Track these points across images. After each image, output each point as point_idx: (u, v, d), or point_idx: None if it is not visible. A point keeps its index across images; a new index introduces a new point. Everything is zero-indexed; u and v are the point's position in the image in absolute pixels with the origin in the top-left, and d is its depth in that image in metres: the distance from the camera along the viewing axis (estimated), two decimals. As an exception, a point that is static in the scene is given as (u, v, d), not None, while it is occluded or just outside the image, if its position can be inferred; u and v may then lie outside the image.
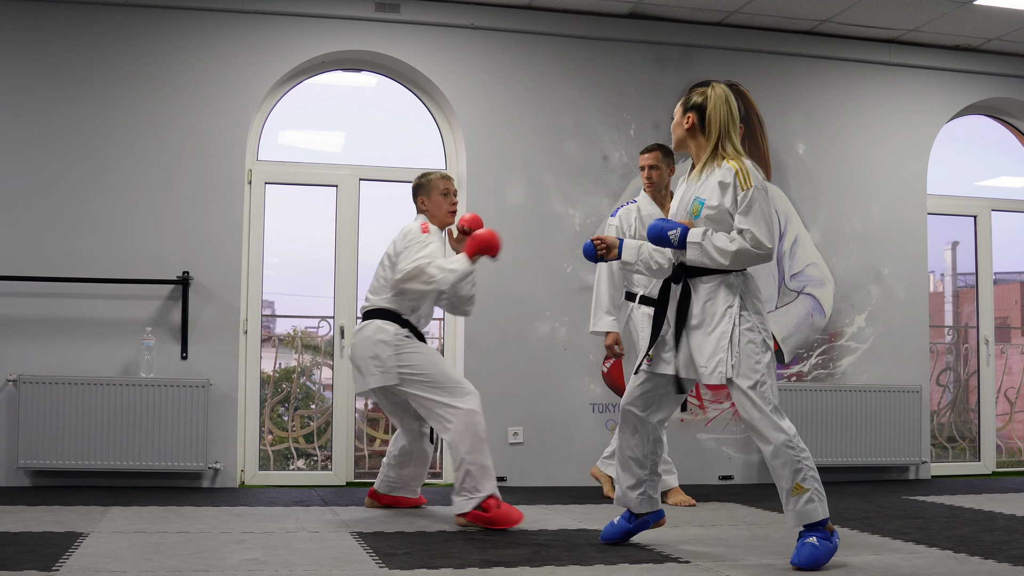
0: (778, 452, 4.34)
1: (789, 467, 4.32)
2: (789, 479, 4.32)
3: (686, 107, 4.73)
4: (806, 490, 4.31)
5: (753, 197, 4.49)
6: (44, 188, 7.15)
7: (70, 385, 6.90)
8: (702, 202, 4.56)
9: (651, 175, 6.63)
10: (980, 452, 8.80)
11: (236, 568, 4.21)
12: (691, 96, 4.74)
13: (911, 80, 8.60)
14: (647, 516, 4.89)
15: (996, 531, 5.41)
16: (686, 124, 4.70)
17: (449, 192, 5.90)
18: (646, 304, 6.50)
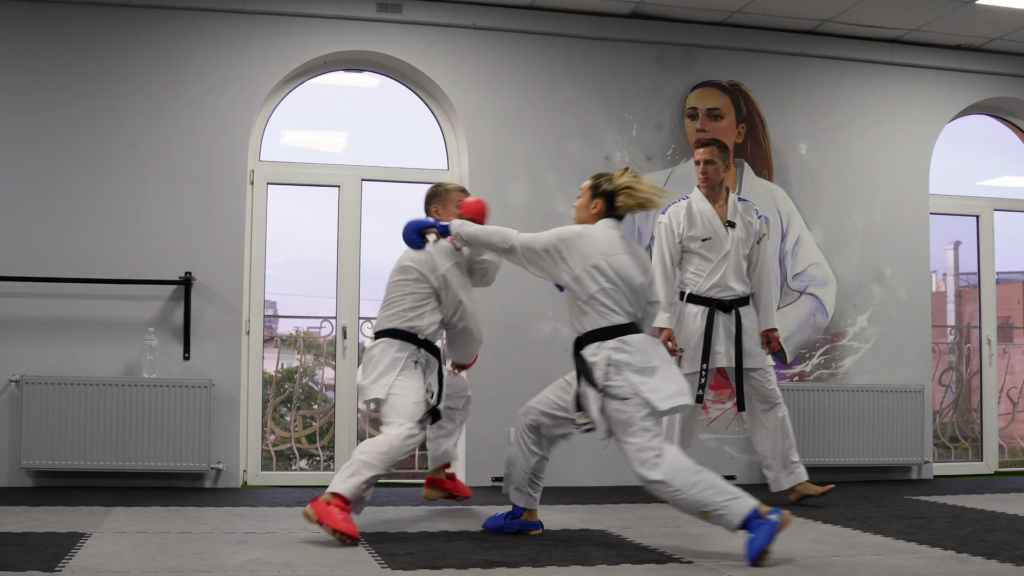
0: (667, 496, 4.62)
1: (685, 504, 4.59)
2: (695, 511, 4.58)
3: (595, 193, 5.02)
4: (713, 510, 4.52)
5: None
6: (47, 189, 7.15)
7: (73, 386, 6.90)
8: None
9: (706, 170, 6.57)
10: (982, 452, 8.79)
11: (238, 568, 4.22)
12: (599, 184, 5.02)
13: (913, 80, 8.60)
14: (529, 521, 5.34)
15: (998, 531, 5.40)
16: (593, 209, 5.01)
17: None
18: (693, 303, 6.54)
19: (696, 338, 6.49)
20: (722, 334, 6.49)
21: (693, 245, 6.57)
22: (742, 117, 8.22)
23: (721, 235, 6.52)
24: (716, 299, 6.51)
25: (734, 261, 6.53)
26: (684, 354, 6.53)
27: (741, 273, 6.57)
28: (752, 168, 8.20)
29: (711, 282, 6.52)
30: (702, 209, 6.54)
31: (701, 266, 6.55)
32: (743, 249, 6.58)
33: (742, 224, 6.58)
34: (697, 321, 6.51)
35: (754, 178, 8.19)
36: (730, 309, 6.52)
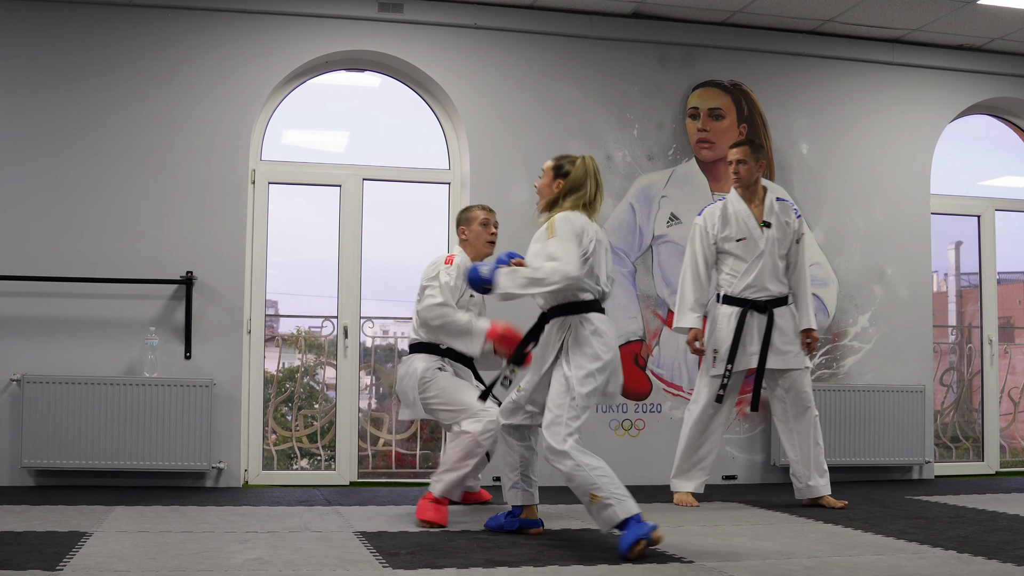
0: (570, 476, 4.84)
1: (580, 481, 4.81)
2: (586, 492, 4.79)
3: (558, 173, 5.18)
4: (603, 497, 4.72)
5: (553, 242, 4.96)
6: (48, 188, 7.15)
7: (74, 385, 6.90)
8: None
9: (739, 169, 6.55)
10: (984, 452, 8.79)
11: (240, 568, 4.22)
12: (561, 164, 5.20)
13: (914, 80, 8.60)
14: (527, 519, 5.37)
15: (1000, 531, 5.40)
16: (555, 187, 5.15)
17: (489, 223, 6.11)
18: (727, 304, 6.53)
19: (728, 341, 6.47)
20: (755, 335, 6.46)
21: (728, 246, 6.55)
22: (743, 117, 8.22)
23: (756, 235, 6.49)
24: (750, 300, 6.49)
25: (770, 261, 6.50)
26: (717, 355, 6.51)
27: (778, 273, 6.54)
28: (753, 168, 8.19)
29: (745, 283, 6.49)
30: (737, 209, 6.52)
31: (736, 267, 6.54)
32: (779, 249, 6.54)
33: (778, 224, 6.54)
34: (731, 323, 6.49)
35: (755, 178, 8.18)
36: (765, 310, 6.49)
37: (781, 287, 6.55)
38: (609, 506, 4.69)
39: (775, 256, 6.52)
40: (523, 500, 5.32)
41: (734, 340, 6.45)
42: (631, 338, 7.85)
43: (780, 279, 6.55)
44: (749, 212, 6.52)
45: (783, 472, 7.90)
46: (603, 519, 4.73)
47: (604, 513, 4.71)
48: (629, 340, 7.84)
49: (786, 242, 6.57)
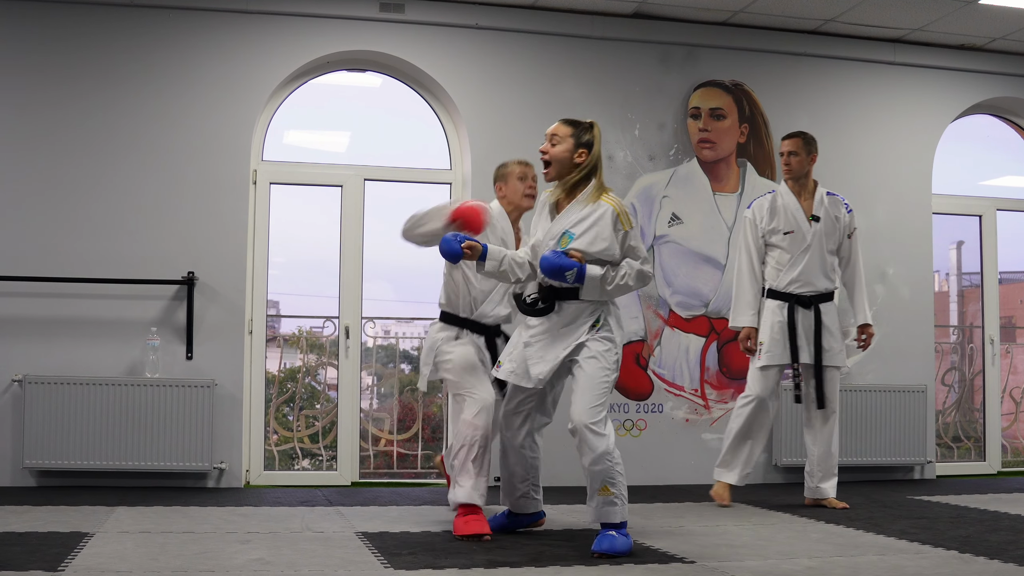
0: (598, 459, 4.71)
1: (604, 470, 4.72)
2: (601, 482, 4.73)
3: (579, 142, 4.93)
4: (615, 493, 4.72)
5: (634, 235, 4.88)
6: (49, 188, 7.15)
7: (75, 385, 6.90)
8: (571, 236, 4.84)
9: (789, 161, 6.49)
10: (985, 452, 8.79)
11: (241, 568, 4.22)
12: (580, 133, 4.95)
13: (916, 79, 8.59)
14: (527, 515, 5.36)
15: (1001, 531, 5.40)
16: (579, 159, 4.92)
17: (527, 176, 5.76)
18: (772, 298, 6.45)
19: (775, 332, 6.39)
20: (801, 330, 6.38)
21: (775, 239, 6.47)
22: (745, 117, 8.22)
23: (804, 229, 6.41)
24: (795, 294, 6.41)
25: (817, 256, 6.42)
26: (761, 347, 6.41)
27: (825, 268, 6.45)
28: (755, 168, 8.19)
29: (790, 277, 6.42)
30: (786, 202, 6.46)
31: (781, 260, 6.46)
32: (828, 244, 6.46)
33: (828, 218, 6.47)
34: (777, 316, 6.40)
35: (757, 178, 8.18)
36: (810, 305, 6.41)
37: (827, 283, 6.47)
38: (615, 505, 4.70)
39: (823, 251, 6.44)
40: (533, 508, 5.33)
41: (790, 335, 6.37)
42: (632, 338, 7.85)
43: (827, 275, 6.47)
44: (798, 205, 6.45)
45: (785, 472, 7.90)
46: (603, 512, 4.73)
47: (607, 508, 4.71)
48: (631, 340, 7.84)
49: (835, 237, 6.49)
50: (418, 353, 8.00)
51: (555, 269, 4.74)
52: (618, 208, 4.84)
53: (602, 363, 4.81)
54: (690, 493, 7.10)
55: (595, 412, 4.73)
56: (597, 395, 4.76)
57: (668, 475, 7.76)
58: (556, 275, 4.75)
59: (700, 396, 7.96)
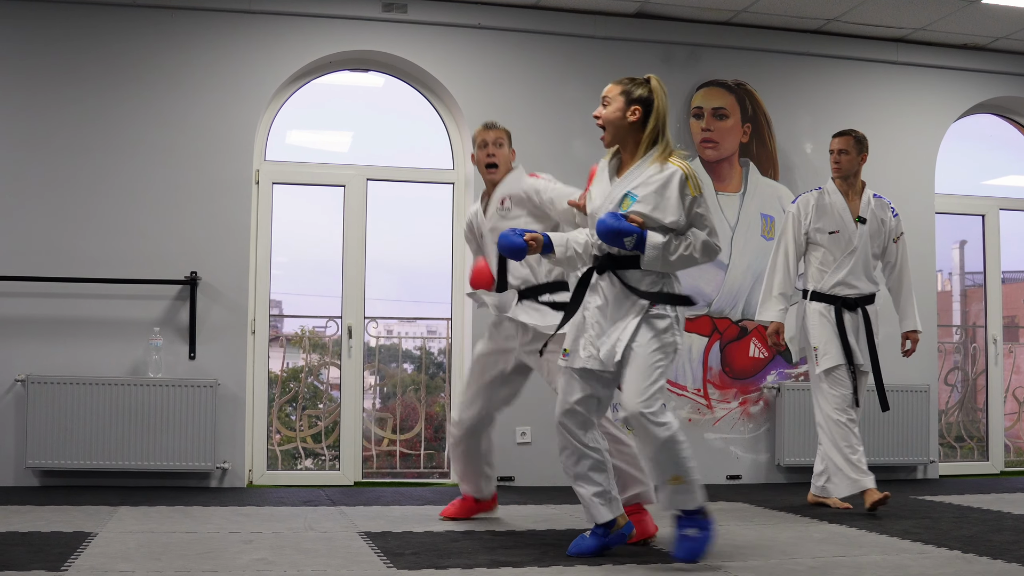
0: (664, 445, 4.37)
1: (672, 457, 4.37)
2: (671, 471, 4.39)
3: (630, 99, 4.54)
4: (687, 481, 4.39)
5: (702, 203, 4.46)
6: (52, 188, 7.16)
7: (78, 385, 6.91)
8: (634, 198, 4.43)
9: (840, 160, 6.35)
10: (988, 451, 8.79)
11: (244, 568, 4.22)
12: (632, 88, 4.58)
13: (919, 79, 8.59)
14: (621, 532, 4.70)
15: (1005, 531, 5.40)
16: (632, 118, 4.51)
17: (487, 143, 5.53)
18: (816, 300, 6.31)
19: (830, 332, 6.23)
20: (850, 332, 6.23)
21: (820, 237, 6.33)
22: (747, 117, 8.21)
23: (850, 229, 6.28)
24: (840, 297, 6.27)
25: (862, 258, 6.29)
26: (819, 351, 6.24)
27: (868, 271, 6.32)
28: (757, 168, 8.19)
29: (836, 279, 6.27)
30: (833, 201, 6.32)
31: (825, 260, 6.32)
32: (873, 247, 6.33)
33: (874, 220, 6.33)
34: (827, 316, 6.25)
35: (759, 178, 8.18)
36: (855, 307, 6.29)
37: (871, 286, 6.34)
38: (690, 492, 4.40)
39: (867, 253, 6.31)
40: (614, 511, 4.67)
41: (841, 337, 6.21)
42: (635, 338, 7.83)
43: (871, 277, 6.34)
44: (845, 205, 6.31)
45: (788, 472, 7.90)
46: (676, 500, 4.41)
47: (681, 496, 4.40)
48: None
49: (880, 240, 6.36)
50: (419, 352, 8.01)
51: (613, 232, 4.33)
52: (686, 171, 4.41)
53: (657, 343, 4.38)
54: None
55: (649, 398, 4.34)
56: (650, 379, 4.35)
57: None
58: (614, 240, 4.34)
59: (703, 396, 7.96)
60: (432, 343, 8.21)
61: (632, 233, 4.33)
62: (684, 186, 4.40)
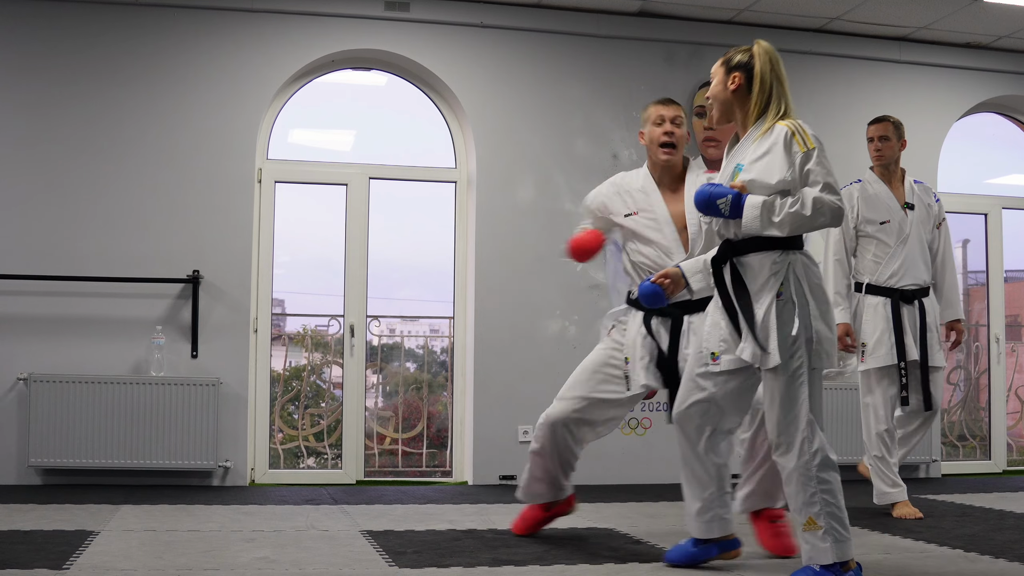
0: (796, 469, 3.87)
1: (812, 498, 3.84)
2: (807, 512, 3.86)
3: (729, 67, 4.18)
4: (821, 529, 3.82)
5: (814, 157, 3.96)
6: (54, 187, 7.16)
7: (80, 384, 6.91)
8: (740, 167, 4.06)
9: (880, 147, 6.15)
10: (991, 451, 8.78)
11: (246, 567, 4.22)
12: (732, 56, 4.19)
13: (921, 78, 8.59)
14: (714, 544, 4.33)
15: (1007, 530, 5.40)
16: (732, 86, 4.15)
17: (664, 120, 5.05)
18: (872, 294, 6.01)
19: (881, 330, 5.92)
20: (907, 326, 5.92)
21: (870, 229, 6.05)
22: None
23: (899, 218, 6.01)
24: (897, 289, 5.95)
25: (916, 246, 6.01)
26: (867, 348, 5.96)
27: (925, 258, 6.04)
28: (760, 166, 8.18)
29: (891, 270, 5.98)
30: (877, 191, 6.09)
31: (879, 252, 6.02)
32: (924, 233, 6.07)
33: (921, 205, 6.09)
34: (880, 311, 5.95)
35: (762, 176, 8.17)
36: (913, 300, 5.97)
37: (927, 275, 6.05)
38: (827, 541, 3.81)
39: (921, 240, 6.04)
40: (720, 531, 4.30)
41: (896, 333, 5.89)
42: (637, 337, 7.83)
43: (927, 265, 6.06)
44: (890, 193, 6.08)
45: (790, 471, 7.89)
46: (810, 552, 3.85)
47: (815, 545, 3.83)
48: (635, 339, 7.82)
49: (929, 225, 6.10)
50: (422, 351, 8.01)
51: (705, 199, 3.95)
52: (792, 127, 3.98)
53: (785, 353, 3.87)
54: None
55: (781, 423, 3.89)
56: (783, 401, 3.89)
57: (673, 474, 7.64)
58: (709, 208, 3.95)
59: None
60: (435, 342, 8.22)
61: (725, 195, 3.93)
62: (791, 142, 3.96)
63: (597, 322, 7.74)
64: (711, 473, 4.23)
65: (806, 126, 4.03)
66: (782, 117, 4.06)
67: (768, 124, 4.04)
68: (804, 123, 4.04)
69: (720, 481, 4.25)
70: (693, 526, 4.30)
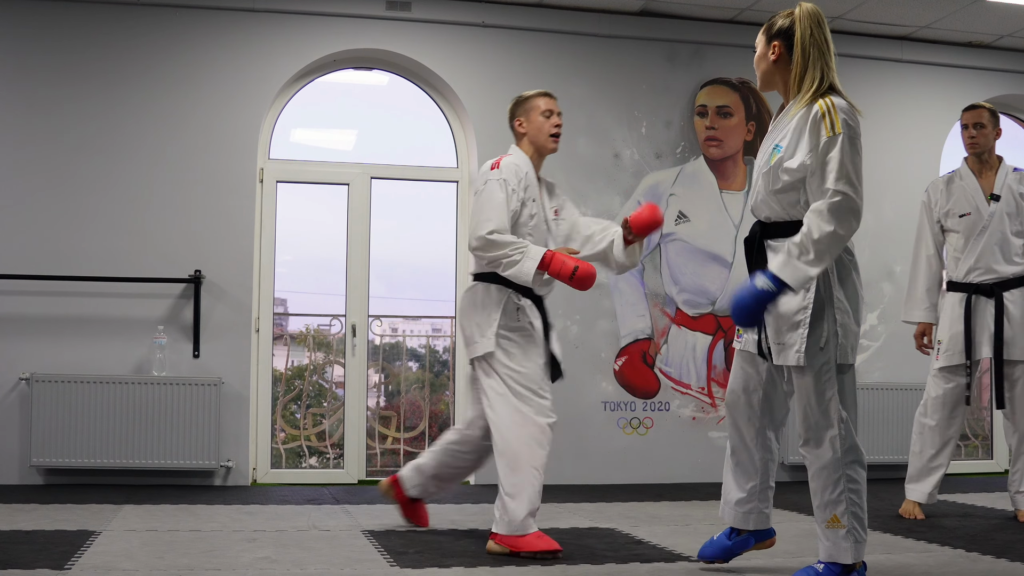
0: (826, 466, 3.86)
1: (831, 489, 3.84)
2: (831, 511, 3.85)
3: (769, 35, 4.01)
4: (844, 526, 3.82)
5: (838, 144, 3.80)
6: (56, 187, 7.17)
7: (82, 383, 6.92)
8: (779, 148, 3.88)
9: (975, 135, 5.89)
10: (993, 450, 8.77)
11: (248, 567, 4.22)
12: (774, 21, 4.03)
13: (923, 77, 8.58)
14: (750, 534, 4.28)
15: (1008, 530, 5.40)
16: (772, 56, 3.97)
17: (552, 112, 5.07)
18: (952, 290, 5.88)
19: (953, 328, 5.79)
20: (984, 323, 5.73)
21: (951, 222, 5.87)
22: (752, 115, 8.21)
23: (981, 209, 5.78)
24: (975, 284, 5.76)
25: (995, 238, 5.74)
26: (940, 346, 5.83)
27: (1008, 252, 5.75)
28: (762, 166, 8.18)
29: (968, 264, 5.78)
30: (965, 182, 5.87)
31: (958, 246, 5.84)
32: (1012, 225, 5.76)
33: (1010, 196, 5.79)
34: (955, 310, 5.81)
35: (764, 176, 8.17)
36: (992, 294, 5.73)
37: (1011, 267, 5.75)
38: (846, 540, 3.83)
39: (1005, 232, 5.75)
40: (757, 524, 4.25)
41: (965, 330, 5.74)
42: (639, 336, 7.85)
43: (1010, 259, 5.75)
44: (977, 184, 5.85)
45: (791, 471, 7.88)
46: (830, 549, 3.86)
47: (834, 545, 3.84)
48: (637, 338, 7.84)
49: (1021, 217, 5.79)
50: (424, 351, 8.02)
51: (752, 305, 3.77)
52: (825, 107, 3.77)
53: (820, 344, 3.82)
54: (696, 491, 7.10)
55: (808, 418, 3.87)
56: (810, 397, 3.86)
57: (675, 473, 7.76)
58: (759, 307, 3.77)
59: (707, 394, 7.95)
60: (437, 341, 8.22)
61: (760, 290, 3.73)
62: (819, 123, 3.77)
63: (598, 321, 7.80)
64: (757, 465, 4.18)
65: (842, 106, 3.81)
66: (824, 93, 3.84)
67: (806, 99, 3.84)
68: (843, 102, 3.84)
69: (765, 475, 4.19)
70: (730, 515, 4.23)
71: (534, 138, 5.03)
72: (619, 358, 7.79)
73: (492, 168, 4.87)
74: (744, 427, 4.15)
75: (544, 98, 5.08)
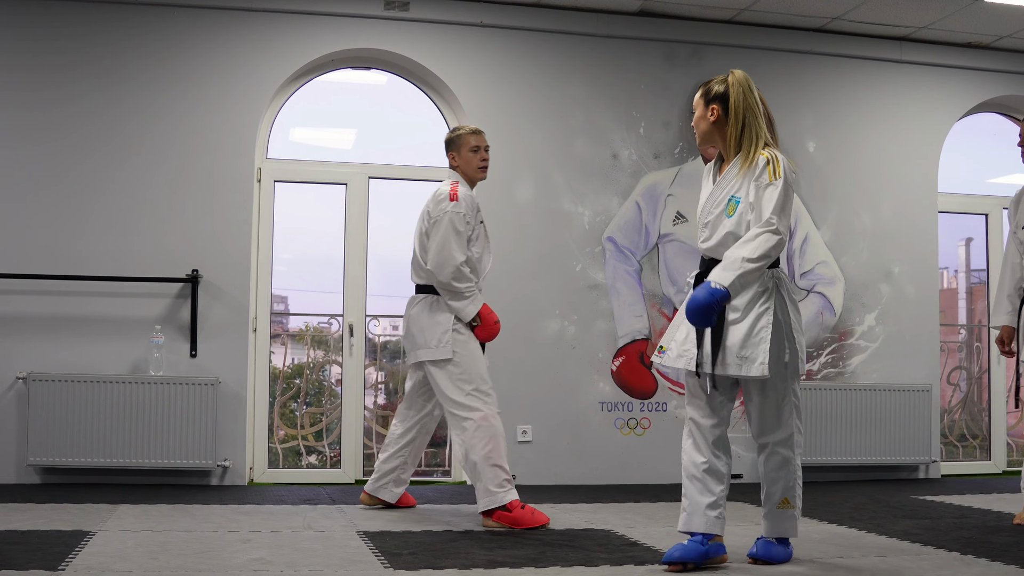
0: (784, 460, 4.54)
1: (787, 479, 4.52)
2: (783, 494, 4.52)
3: (708, 99, 4.44)
4: (794, 508, 4.52)
5: (770, 188, 4.24)
6: (53, 186, 7.17)
7: (79, 383, 6.92)
8: (738, 201, 4.32)
9: None
10: (991, 451, 8.77)
11: (241, 568, 4.22)
12: (711, 87, 4.45)
13: (922, 78, 8.57)
14: (721, 543, 4.46)
15: (1004, 532, 5.39)
16: (711, 117, 4.42)
17: (479, 148, 5.81)
18: None
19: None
20: None
21: (1021, 234, 5.80)
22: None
23: None
24: None
25: None
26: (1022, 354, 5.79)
27: None
28: (760, 166, 8.17)
29: None
30: None
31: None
32: None
33: None
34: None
35: (762, 176, 8.16)
36: None
37: None
38: (794, 519, 4.49)
39: None
40: (720, 529, 4.42)
41: (1019, 333, 5.74)
42: (637, 337, 7.84)
43: None
44: None
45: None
46: (780, 527, 4.49)
47: (785, 524, 4.49)
48: (635, 339, 7.83)
49: None
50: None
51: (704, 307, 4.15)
52: (769, 156, 4.29)
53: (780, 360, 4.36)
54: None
55: (772, 422, 4.46)
56: (787, 398, 4.42)
57: (672, 474, 7.71)
58: (711, 309, 4.16)
59: (704, 395, 7.94)
60: (434, 341, 8.20)
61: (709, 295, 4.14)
62: (763, 170, 4.27)
63: (596, 322, 7.80)
64: (723, 471, 4.46)
65: (782, 158, 4.31)
66: (763, 144, 4.36)
67: (750, 154, 4.34)
68: (782, 155, 4.35)
69: (727, 480, 4.49)
70: (700, 521, 4.37)
71: (464, 170, 5.82)
72: (616, 358, 7.79)
73: (451, 200, 5.66)
74: (707, 435, 4.48)
75: (473, 135, 5.81)
